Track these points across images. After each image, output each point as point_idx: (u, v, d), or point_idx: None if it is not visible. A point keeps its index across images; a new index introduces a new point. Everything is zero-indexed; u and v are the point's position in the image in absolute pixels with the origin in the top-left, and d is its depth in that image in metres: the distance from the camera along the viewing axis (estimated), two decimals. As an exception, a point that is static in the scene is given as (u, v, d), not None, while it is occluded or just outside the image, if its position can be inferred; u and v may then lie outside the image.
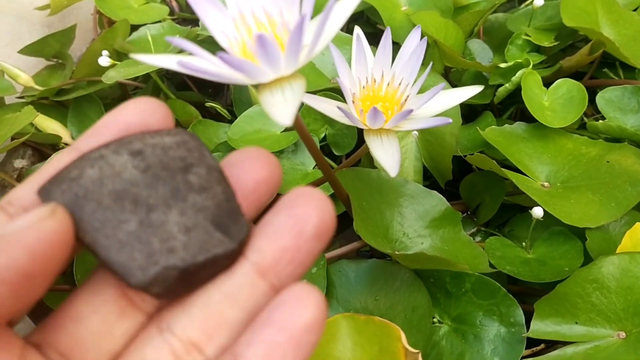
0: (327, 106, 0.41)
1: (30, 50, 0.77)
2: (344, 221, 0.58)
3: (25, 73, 0.71)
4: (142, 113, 0.24)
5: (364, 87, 0.42)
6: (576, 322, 0.42)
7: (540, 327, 0.43)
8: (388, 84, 0.42)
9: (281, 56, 0.27)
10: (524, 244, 0.51)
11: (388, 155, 0.39)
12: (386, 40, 0.41)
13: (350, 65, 0.42)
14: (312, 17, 0.31)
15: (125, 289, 0.23)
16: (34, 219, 0.20)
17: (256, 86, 0.31)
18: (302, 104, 0.42)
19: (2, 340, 0.21)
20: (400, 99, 0.41)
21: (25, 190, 0.23)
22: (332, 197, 0.54)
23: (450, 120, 0.38)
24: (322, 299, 0.22)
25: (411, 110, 0.38)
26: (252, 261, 0.23)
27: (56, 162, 0.23)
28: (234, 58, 0.26)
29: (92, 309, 0.23)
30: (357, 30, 0.43)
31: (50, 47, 0.78)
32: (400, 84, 0.41)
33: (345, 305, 0.47)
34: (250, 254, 0.23)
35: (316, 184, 0.51)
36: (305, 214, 0.22)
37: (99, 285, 0.23)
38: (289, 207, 0.23)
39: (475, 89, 0.42)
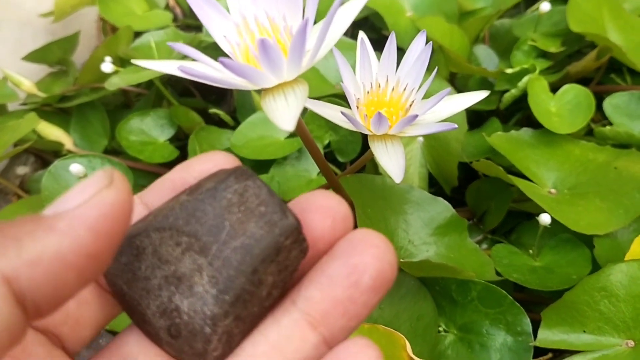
0: (330, 112, 0.40)
1: (33, 57, 0.77)
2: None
3: (28, 80, 0.70)
4: (209, 166, 0.23)
5: (368, 93, 0.41)
6: (584, 331, 0.41)
7: (548, 336, 0.42)
8: (393, 89, 0.41)
9: (284, 61, 0.27)
10: (530, 251, 0.51)
11: (393, 162, 0.39)
12: (391, 45, 0.40)
13: (354, 71, 0.41)
14: (315, 22, 0.30)
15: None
16: (93, 191, 0.18)
17: (259, 91, 0.31)
18: (306, 110, 0.42)
19: None
20: (405, 105, 0.41)
21: None
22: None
23: (456, 126, 0.37)
24: (380, 357, 0.20)
25: (416, 116, 0.37)
26: (302, 310, 0.21)
27: None
28: (235, 63, 0.25)
29: (141, 350, 0.22)
30: (362, 35, 0.43)
31: (53, 54, 0.77)
32: (405, 89, 0.41)
33: (350, 314, 0.47)
34: (300, 302, 0.21)
35: (320, 190, 0.50)
36: (363, 263, 0.20)
37: None
38: (345, 254, 0.21)
39: (481, 94, 0.41)
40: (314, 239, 0.22)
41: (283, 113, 0.27)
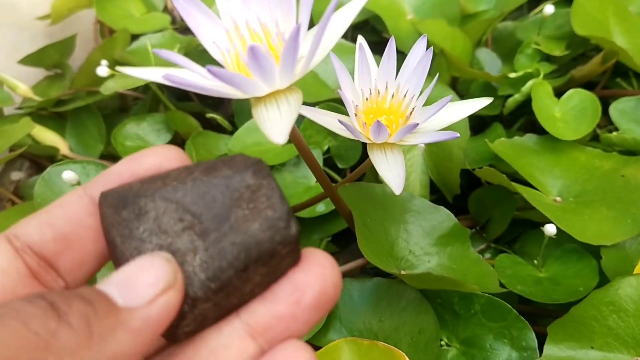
0: (328, 119, 0.39)
1: (30, 60, 0.75)
2: (348, 237, 0.56)
3: (24, 84, 0.69)
4: (159, 160, 0.23)
5: (367, 99, 0.40)
6: (592, 347, 0.40)
7: (554, 352, 0.41)
8: (393, 95, 0.40)
9: (275, 69, 0.26)
10: (535, 261, 0.49)
11: (392, 171, 0.37)
12: (390, 50, 0.39)
13: (353, 76, 0.40)
14: (313, 23, 0.29)
15: None
16: (161, 287, 0.19)
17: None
18: (303, 116, 0.40)
19: None
20: (405, 112, 0.39)
21: (32, 227, 0.22)
22: (334, 213, 0.53)
23: (458, 135, 0.36)
24: (314, 358, 0.21)
25: (417, 124, 0.36)
26: (244, 322, 0.21)
27: (64, 203, 0.23)
28: (224, 72, 0.24)
29: None
30: (360, 39, 0.41)
31: (50, 57, 0.76)
32: (405, 95, 0.39)
33: (349, 327, 0.45)
34: (244, 314, 0.22)
35: (318, 198, 0.49)
36: (306, 282, 0.21)
37: None
38: (290, 272, 0.22)
39: (484, 101, 0.40)
40: None
41: (275, 123, 0.26)
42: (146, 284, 0.19)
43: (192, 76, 0.27)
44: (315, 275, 0.21)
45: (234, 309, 0.22)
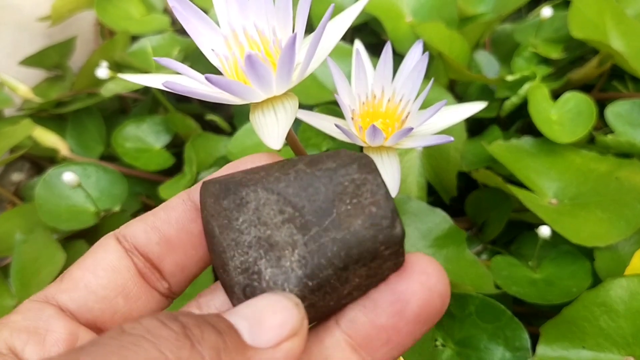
0: (324, 123, 0.39)
1: (30, 61, 0.76)
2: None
3: (24, 85, 0.70)
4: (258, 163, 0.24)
5: (363, 104, 0.40)
6: (583, 347, 0.41)
7: (547, 352, 0.41)
8: (389, 100, 0.40)
9: (272, 76, 0.26)
10: (530, 263, 0.50)
11: (388, 175, 0.38)
12: (386, 55, 0.39)
13: (350, 80, 0.40)
14: (313, 26, 0.29)
15: None
16: (287, 333, 0.18)
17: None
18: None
19: None
20: (401, 116, 0.40)
21: (139, 229, 0.23)
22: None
23: (452, 139, 0.36)
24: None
25: (411, 129, 0.36)
26: (345, 332, 0.21)
27: (168, 207, 0.24)
28: (222, 80, 0.24)
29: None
30: (357, 44, 0.42)
31: (50, 59, 0.77)
32: (401, 100, 0.40)
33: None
34: (344, 323, 0.21)
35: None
36: (409, 291, 0.20)
37: None
38: (392, 279, 0.20)
39: (479, 105, 0.40)
40: None
41: (272, 130, 0.26)
42: (274, 326, 0.18)
43: (191, 82, 0.28)
44: (420, 283, 0.20)
45: (329, 313, 0.21)
